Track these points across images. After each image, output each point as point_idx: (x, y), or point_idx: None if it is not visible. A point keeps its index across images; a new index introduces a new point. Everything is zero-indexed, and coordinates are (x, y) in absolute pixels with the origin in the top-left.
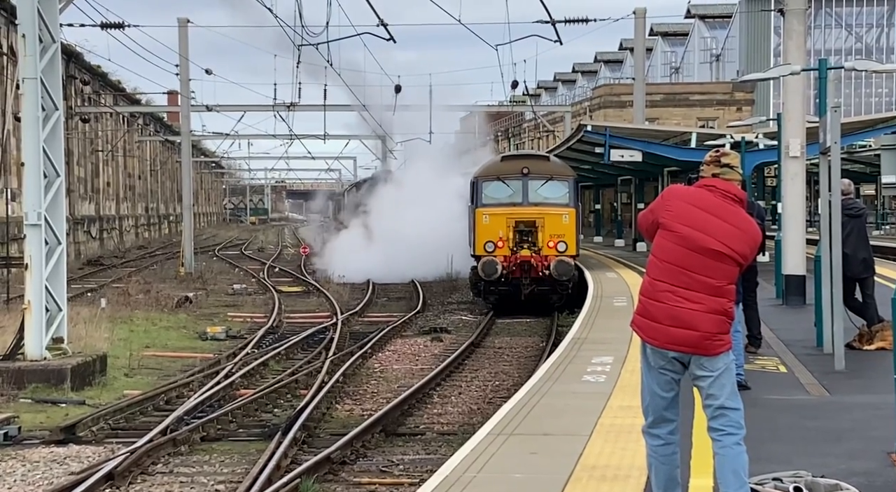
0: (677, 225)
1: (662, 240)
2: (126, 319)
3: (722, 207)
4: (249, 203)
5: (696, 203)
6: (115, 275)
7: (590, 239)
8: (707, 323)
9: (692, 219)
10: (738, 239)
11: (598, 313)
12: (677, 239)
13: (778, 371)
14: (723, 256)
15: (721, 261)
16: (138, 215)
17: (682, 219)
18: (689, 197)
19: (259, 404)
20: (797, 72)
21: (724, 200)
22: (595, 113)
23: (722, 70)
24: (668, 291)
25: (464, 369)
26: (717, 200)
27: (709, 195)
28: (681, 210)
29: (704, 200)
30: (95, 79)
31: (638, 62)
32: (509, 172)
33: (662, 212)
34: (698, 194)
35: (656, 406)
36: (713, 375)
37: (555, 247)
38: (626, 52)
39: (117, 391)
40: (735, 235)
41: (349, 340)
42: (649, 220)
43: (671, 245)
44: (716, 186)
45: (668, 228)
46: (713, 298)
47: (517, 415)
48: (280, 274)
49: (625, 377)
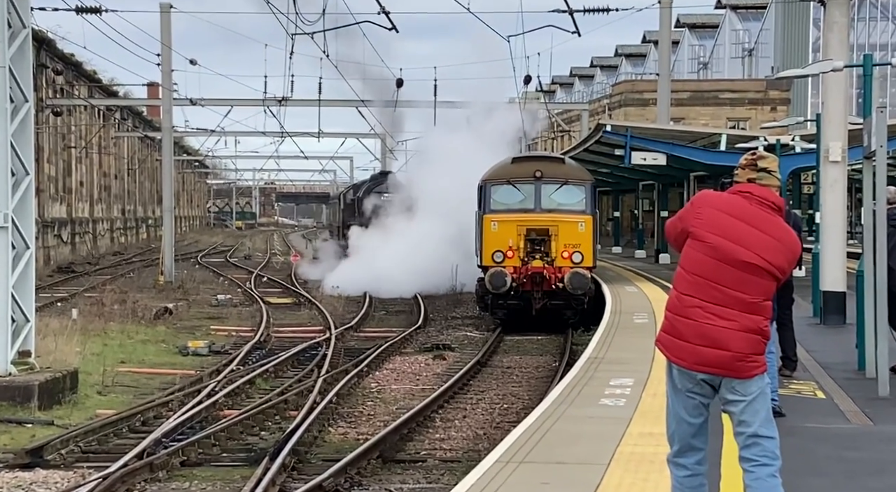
0: (708, 235)
1: (692, 251)
2: (100, 332)
3: (758, 215)
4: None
5: (729, 211)
6: (88, 283)
7: (608, 249)
8: (740, 342)
9: (725, 228)
10: (775, 251)
11: (616, 331)
12: (708, 250)
13: (815, 397)
14: (758, 270)
15: (756, 275)
16: (114, 218)
17: (713, 228)
18: (722, 204)
19: (244, 426)
20: (839, 68)
21: (761, 208)
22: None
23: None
24: (698, 307)
25: (469, 391)
26: (752, 208)
27: (744, 202)
28: (713, 218)
29: (739, 208)
30: (69, 68)
31: (663, 56)
32: (520, 175)
33: (692, 220)
34: (732, 201)
35: (683, 433)
36: (746, 399)
37: (569, 257)
38: (649, 46)
39: (89, 411)
40: (772, 246)
41: (343, 356)
42: (677, 228)
43: (701, 257)
44: (752, 193)
45: (699, 237)
46: (747, 316)
47: (528, 441)
48: (268, 284)
49: (646, 401)
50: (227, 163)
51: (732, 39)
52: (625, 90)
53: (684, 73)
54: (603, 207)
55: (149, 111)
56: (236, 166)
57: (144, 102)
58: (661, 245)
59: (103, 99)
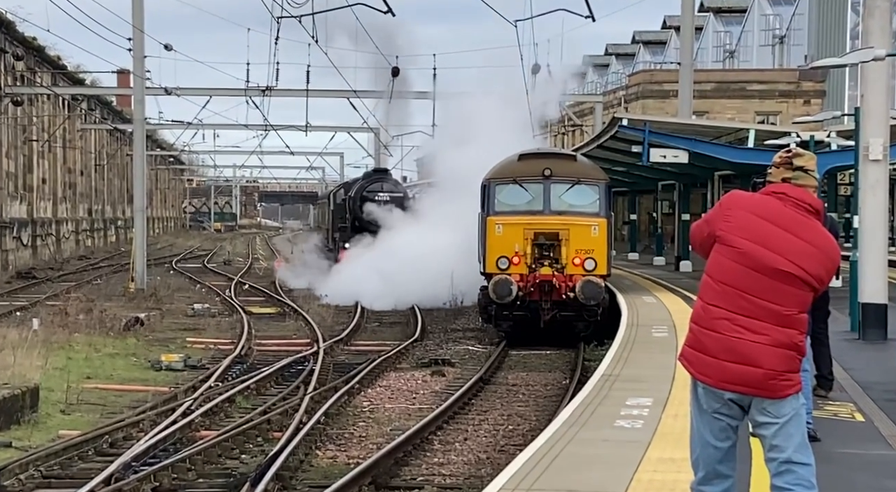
0: (738, 239)
1: (720, 257)
2: (64, 345)
3: (794, 219)
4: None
5: (762, 214)
6: (51, 290)
7: (623, 255)
8: (772, 359)
9: (757, 232)
10: (812, 259)
11: (633, 345)
12: (738, 256)
13: (853, 420)
14: (793, 279)
15: (791, 284)
16: (80, 219)
17: (744, 232)
18: (754, 206)
19: (223, 449)
20: (881, 57)
21: (797, 211)
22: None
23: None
24: (725, 319)
25: (470, 410)
26: (787, 210)
27: (778, 204)
28: (743, 221)
29: (772, 211)
30: (30, 53)
31: (685, 44)
32: (528, 173)
33: (720, 223)
34: (765, 203)
35: (708, 458)
36: (779, 422)
37: (581, 264)
38: (670, 32)
39: (51, 431)
40: (809, 253)
41: (333, 372)
42: (704, 232)
43: (730, 263)
44: (786, 194)
45: (727, 242)
46: (780, 329)
47: (535, 467)
48: (250, 292)
49: (666, 423)
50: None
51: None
52: (643, 81)
53: (708, 62)
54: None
55: (119, 101)
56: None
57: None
58: (682, 251)
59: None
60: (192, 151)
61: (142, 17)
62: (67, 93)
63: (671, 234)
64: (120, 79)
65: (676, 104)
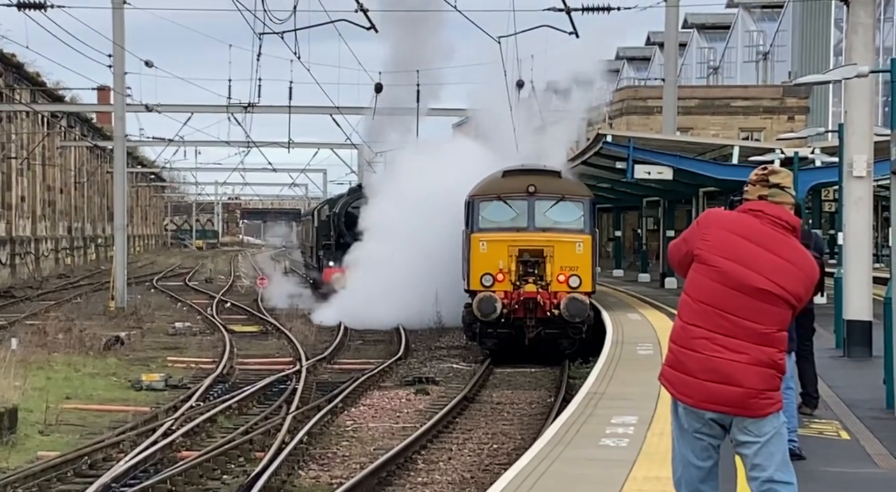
0: (716, 258)
1: (697, 276)
2: (42, 364)
3: (771, 236)
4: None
5: (739, 232)
6: (30, 309)
7: (608, 272)
8: (752, 377)
9: (734, 251)
10: (790, 276)
11: (618, 363)
12: (715, 275)
13: (839, 438)
14: (772, 297)
15: (770, 302)
16: (59, 237)
17: (721, 251)
18: (731, 224)
19: (205, 470)
20: (864, 74)
21: (774, 229)
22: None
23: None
24: (705, 338)
25: (455, 429)
26: (765, 228)
27: (755, 222)
28: (720, 240)
29: (750, 229)
30: (9, 70)
31: (669, 60)
32: (512, 190)
33: (697, 242)
34: (742, 221)
35: (690, 478)
36: (760, 440)
37: (566, 281)
38: (654, 48)
39: (30, 453)
40: (787, 270)
41: (315, 391)
42: (682, 251)
43: (708, 282)
44: (763, 211)
45: (705, 261)
46: (759, 348)
47: (520, 486)
48: (232, 310)
49: (652, 442)
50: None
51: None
52: (627, 97)
53: (692, 78)
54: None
55: (99, 118)
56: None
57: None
58: (666, 268)
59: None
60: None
61: (122, 33)
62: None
63: (656, 250)
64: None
65: (661, 120)
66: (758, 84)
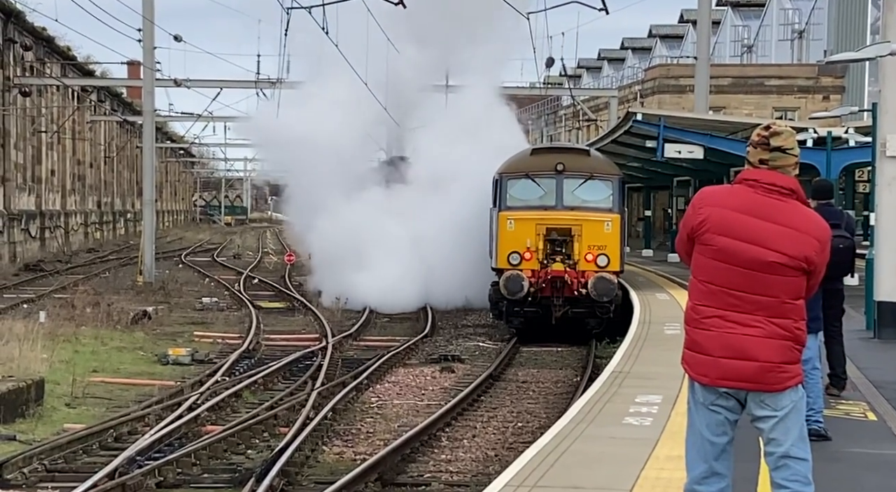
0: (714, 237)
1: (700, 257)
2: (70, 338)
3: (767, 204)
4: (225, 200)
5: (733, 206)
6: (59, 283)
7: (637, 252)
8: (768, 351)
9: (731, 226)
10: (792, 240)
11: (644, 342)
12: (717, 254)
13: (866, 419)
14: (777, 267)
15: (776, 273)
16: (88, 211)
17: (718, 228)
18: (724, 199)
19: (229, 444)
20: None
21: (769, 196)
22: (647, 99)
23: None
24: (716, 317)
25: (479, 407)
26: (759, 197)
27: (749, 193)
28: (716, 218)
29: (744, 201)
30: (40, 44)
31: (702, 38)
32: (541, 168)
33: (694, 223)
34: (735, 194)
35: (704, 455)
36: (777, 415)
37: (594, 260)
38: (687, 26)
39: (56, 425)
40: (788, 236)
41: (341, 368)
42: (683, 238)
43: (711, 262)
44: (757, 180)
45: (705, 241)
46: (774, 320)
47: (542, 463)
48: (259, 286)
49: (675, 421)
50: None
51: (781, 19)
52: (659, 75)
53: (726, 56)
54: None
55: (128, 92)
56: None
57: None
58: None
59: (78, 78)
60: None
61: (152, 7)
62: (77, 84)
63: None
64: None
65: (693, 99)
66: (792, 63)
